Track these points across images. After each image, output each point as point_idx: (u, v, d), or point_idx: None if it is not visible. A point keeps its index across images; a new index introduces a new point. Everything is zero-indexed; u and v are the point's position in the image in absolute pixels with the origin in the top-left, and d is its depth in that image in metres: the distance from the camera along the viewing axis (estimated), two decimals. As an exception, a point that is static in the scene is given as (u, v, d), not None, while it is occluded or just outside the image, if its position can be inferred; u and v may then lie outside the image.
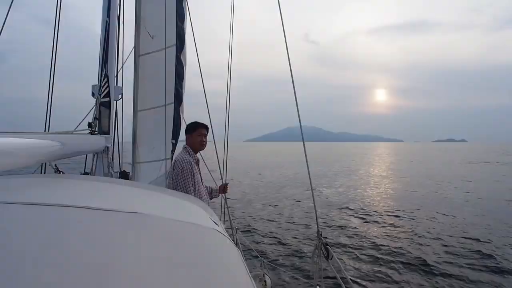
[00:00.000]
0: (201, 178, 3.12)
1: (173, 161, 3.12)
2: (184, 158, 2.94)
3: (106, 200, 1.16)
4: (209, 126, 3.20)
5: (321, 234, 2.26)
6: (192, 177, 2.89)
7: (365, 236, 8.38)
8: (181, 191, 2.86)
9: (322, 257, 2.17)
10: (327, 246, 2.14)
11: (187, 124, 3.30)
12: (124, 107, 3.36)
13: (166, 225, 1.04)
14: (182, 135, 3.43)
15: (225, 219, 3.50)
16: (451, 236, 8.44)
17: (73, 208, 0.96)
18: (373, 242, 7.84)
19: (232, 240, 3.23)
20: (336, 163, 38.51)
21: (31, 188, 1.18)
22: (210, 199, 3.48)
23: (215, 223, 1.35)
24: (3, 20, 2.65)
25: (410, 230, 8.99)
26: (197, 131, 3.11)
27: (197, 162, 3.13)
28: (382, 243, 7.76)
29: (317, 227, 2.35)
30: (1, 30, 2.65)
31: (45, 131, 2.81)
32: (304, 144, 2.55)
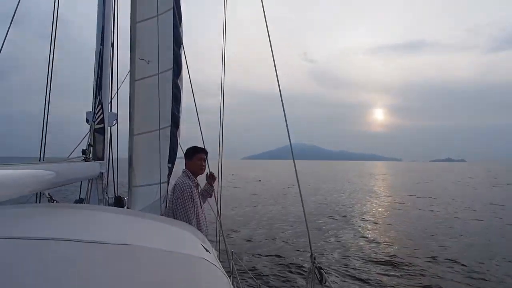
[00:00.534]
0: (200, 201, 3.14)
1: (173, 185, 3.14)
2: (184, 182, 2.98)
3: (95, 231, 1.16)
4: (202, 143, 3.25)
5: (314, 257, 2.24)
6: (192, 201, 2.92)
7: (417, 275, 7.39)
8: (181, 215, 2.90)
9: (316, 281, 2.14)
10: (321, 270, 2.12)
11: (185, 148, 3.34)
12: (119, 131, 3.40)
13: (154, 256, 1.04)
14: (179, 158, 3.45)
15: (221, 244, 3.46)
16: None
17: (61, 241, 0.96)
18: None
19: (228, 265, 3.18)
20: (347, 183, 36.50)
21: (21, 221, 1.18)
22: (210, 196, 3.45)
23: (206, 250, 1.34)
24: (4, 37, 2.70)
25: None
26: (197, 156, 3.19)
27: (197, 186, 3.16)
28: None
29: (311, 250, 2.33)
30: (1, 47, 2.69)
31: (40, 158, 2.83)
32: (294, 162, 2.57)
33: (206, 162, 3.26)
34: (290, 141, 2.50)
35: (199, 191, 3.33)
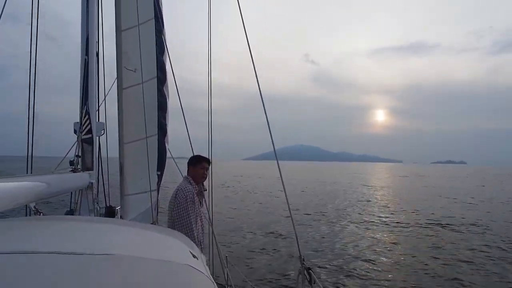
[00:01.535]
0: (199, 208, 3.18)
1: (175, 190, 3.18)
2: (187, 188, 3.03)
3: (79, 243, 1.16)
4: (190, 145, 3.27)
5: (303, 259, 2.24)
6: (194, 206, 2.99)
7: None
8: (183, 220, 2.94)
9: (306, 282, 2.14)
10: (310, 271, 2.12)
11: (174, 154, 3.36)
12: (108, 140, 3.39)
13: (137, 266, 1.03)
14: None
15: (213, 250, 3.44)
16: None
17: (44, 254, 0.96)
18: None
19: (223, 270, 3.16)
20: (361, 185, 34.71)
21: (4, 234, 1.18)
22: (201, 198, 3.41)
23: (195, 256, 1.33)
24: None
25: None
26: (201, 164, 3.25)
27: (198, 192, 3.20)
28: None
29: (299, 251, 2.32)
30: None
31: (27, 170, 2.82)
32: (278, 164, 2.57)
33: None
34: (273, 143, 2.50)
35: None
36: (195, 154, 3.45)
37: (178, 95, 2.89)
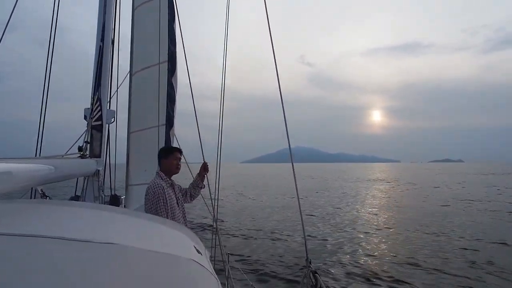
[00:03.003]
0: (177, 200, 3.04)
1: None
2: (156, 183, 2.87)
3: (84, 230, 1.14)
4: (201, 147, 3.19)
5: (310, 261, 2.20)
6: (165, 201, 2.82)
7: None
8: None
9: (311, 285, 2.11)
10: (316, 274, 2.09)
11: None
12: (117, 129, 3.36)
13: (140, 257, 1.01)
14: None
15: (216, 246, 3.42)
16: None
17: (47, 239, 0.94)
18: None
19: (223, 266, 3.14)
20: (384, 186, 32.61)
21: (7, 216, 1.16)
22: (196, 194, 3.34)
23: (198, 251, 1.31)
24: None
25: None
26: (173, 154, 3.08)
27: (172, 185, 3.06)
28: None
29: (306, 254, 2.29)
30: None
31: (36, 155, 2.81)
32: (293, 166, 2.54)
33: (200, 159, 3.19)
34: (289, 144, 2.46)
35: (191, 185, 3.29)
36: (204, 158, 3.39)
37: (192, 96, 2.82)
